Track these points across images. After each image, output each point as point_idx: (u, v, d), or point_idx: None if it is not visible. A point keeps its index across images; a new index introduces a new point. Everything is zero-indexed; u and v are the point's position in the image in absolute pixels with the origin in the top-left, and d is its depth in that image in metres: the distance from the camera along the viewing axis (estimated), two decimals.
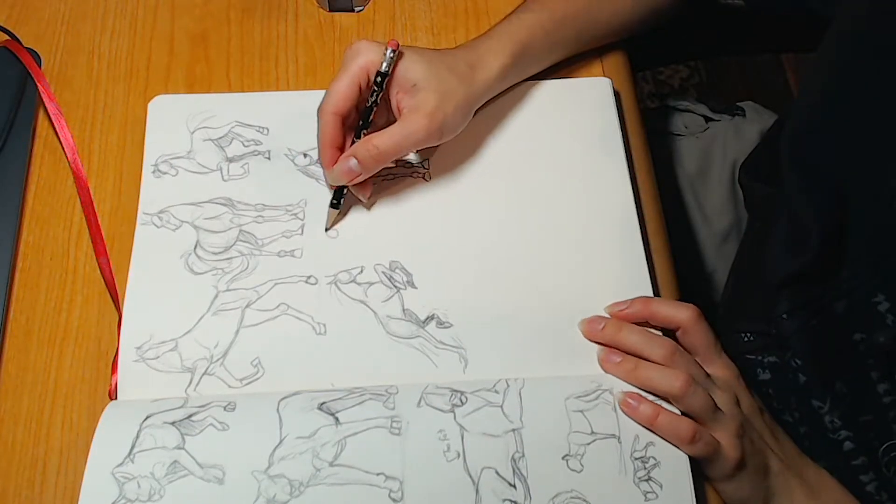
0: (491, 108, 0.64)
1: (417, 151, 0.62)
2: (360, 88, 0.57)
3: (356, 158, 0.56)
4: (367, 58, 0.57)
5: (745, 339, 0.63)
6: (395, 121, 0.58)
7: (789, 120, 0.60)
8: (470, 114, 0.61)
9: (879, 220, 0.54)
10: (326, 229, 0.60)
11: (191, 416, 0.51)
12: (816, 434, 0.59)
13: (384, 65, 0.57)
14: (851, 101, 0.54)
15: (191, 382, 0.54)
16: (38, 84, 0.65)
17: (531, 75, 0.65)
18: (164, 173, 0.62)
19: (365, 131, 0.58)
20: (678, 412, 0.52)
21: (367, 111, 0.58)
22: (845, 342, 0.55)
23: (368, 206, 0.61)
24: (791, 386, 0.60)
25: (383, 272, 0.59)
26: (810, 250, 0.57)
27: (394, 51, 0.57)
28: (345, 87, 0.57)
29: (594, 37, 0.68)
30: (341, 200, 0.59)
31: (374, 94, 0.58)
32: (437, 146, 0.62)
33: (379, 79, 0.57)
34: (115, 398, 0.54)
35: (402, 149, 0.57)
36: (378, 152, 0.56)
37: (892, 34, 0.51)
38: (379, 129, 0.57)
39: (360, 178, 0.57)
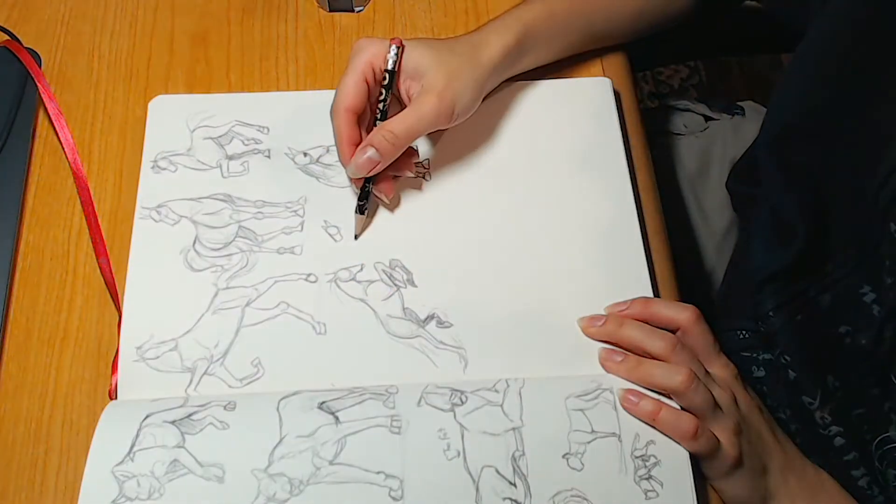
0: (491, 107, 0.64)
1: (429, 135, 0.63)
2: (367, 83, 0.57)
3: (373, 147, 0.56)
4: (370, 52, 0.57)
5: (740, 336, 0.63)
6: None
7: (768, 117, 0.60)
8: (478, 93, 0.60)
9: (863, 215, 0.53)
10: (356, 237, 0.60)
11: (191, 415, 0.51)
12: (807, 431, 0.59)
13: (390, 62, 0.57)
14: (833, 98, 0.54)
15: (191, 382, 0.54)
16: (38, 84, 0.65)
17: (536, 66, 0.65)
18: (164, 169, 0.62)
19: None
20: (678, 408, 0.52)
21: (381, 110, 0.58)
22: (832, 336, 0.55)
23: (392, 209, 0.61)
24: (782, 383, 0.60)
25: (383, 270, 0.59)
26: (793, 246, 0.57)
27: (398, 48, 0.57)
28: (352, 84, 0.57)
29: (602, 33, 0.67)
30: (367, 203, 0.59)
31: (385, 91, 0.58)
32: (446, 131, 0.62)
33: (386, 79, 0.58)
34: (115, 398, 0.54)
35: (417, 131, 0.57)
36: (394, 136, 0.56)
37: (872, 31, 0.51)
38: None
39: (381, 167, 0.57)
